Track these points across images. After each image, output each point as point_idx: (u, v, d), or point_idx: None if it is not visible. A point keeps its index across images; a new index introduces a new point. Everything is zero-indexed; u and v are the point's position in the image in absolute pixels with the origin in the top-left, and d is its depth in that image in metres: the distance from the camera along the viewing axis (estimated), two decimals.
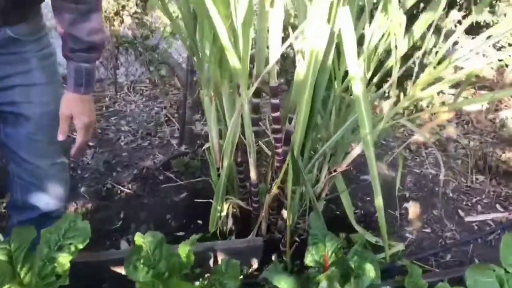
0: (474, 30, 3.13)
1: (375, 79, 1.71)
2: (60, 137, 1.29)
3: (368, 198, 2.49)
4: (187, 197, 2.27)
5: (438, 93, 3.50)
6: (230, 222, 2.05)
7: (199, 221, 2.12)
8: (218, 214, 1.98)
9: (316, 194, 1.99)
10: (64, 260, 1.17)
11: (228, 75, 1.74)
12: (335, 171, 1.91)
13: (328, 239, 1.52)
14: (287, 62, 3.18)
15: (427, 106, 3.37)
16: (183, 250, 1.33)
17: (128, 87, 3.70)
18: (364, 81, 1.48)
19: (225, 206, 1.98)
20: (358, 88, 1.48)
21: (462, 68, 2.84)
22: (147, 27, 3.69)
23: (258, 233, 2.00)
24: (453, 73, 2.19)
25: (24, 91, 1.25)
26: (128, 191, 2.31)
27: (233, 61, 1.54)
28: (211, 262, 1.84)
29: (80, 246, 1.21)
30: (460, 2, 3.04)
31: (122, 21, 3.65)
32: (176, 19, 1.80)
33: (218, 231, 2.01)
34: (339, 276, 1.35)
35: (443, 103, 3.46)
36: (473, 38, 2.71)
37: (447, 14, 2.84)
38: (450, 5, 3.14)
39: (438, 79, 1.63)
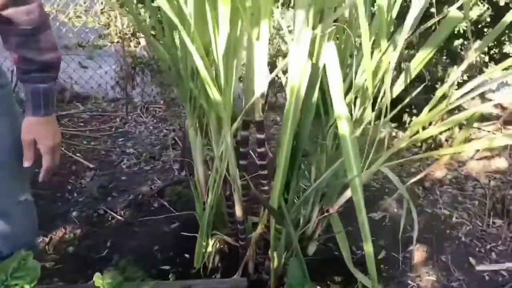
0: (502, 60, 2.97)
1: (370, 116, 1.60)
2: (26, 163, 1.21)
3: (372, 238, 2.34)
4: (178, 228, 2.19)
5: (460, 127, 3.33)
6: (217, 258, 1.95)
7: (186, 255, 2.03)
8: (203, 250, 1.89)
9: (307, 234, 1.87)
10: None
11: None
12: (327, 211, 1.79)
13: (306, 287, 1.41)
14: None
15: (446, 141, 3.19)
16: None
17: (142, 108, 3.69)
18: (350, 121, 1.37)
19: (211, 242, 1.88)
20: (344, 127, 1.38)
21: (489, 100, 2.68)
22: None
23: (245, 273, 1.89)
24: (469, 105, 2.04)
25: None
26: (119, 218, 2.25)
27: (214, 93, 1.46)
28: None
29: (28, 287, 1.14)
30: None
31: (138, 42, 3.67)
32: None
33: (203, 268, 1.91)
34: None
35: (467, 138, 3.28)
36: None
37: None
38: (478, 36, 3.00)
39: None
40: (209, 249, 1.89)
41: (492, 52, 3.12)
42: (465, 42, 3.05)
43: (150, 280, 1.81)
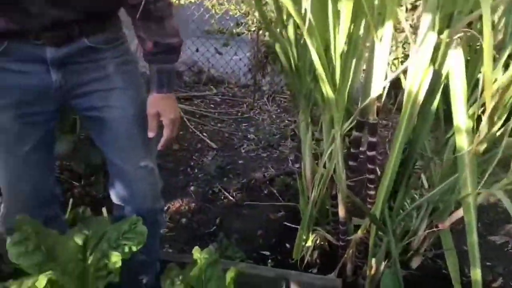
0: None
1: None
2: (150, 134, 1.33)
3: (488, 263, 2.15)
4: (282, 218, 2.24)
5: None
6: (315, 254, 1.96)
7: (287, 245, 2.07)
8: (303, 243, 1.91)
9: (412, 246, 1.79)
10: (115, 258, 1.24)
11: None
12: (436, 226, 1.68)
13: None
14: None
15: None
16: (229, 275, 1.31)
17: (268, 96, 3.80)
18: (470, 134, 1.27)
19: (312, 237, 1.90)
20: (462, 141, 1.28)
21: None
22: None
23: (342, 273, 1.87)
24: None
25: (103, 96, 1.30)
26: (231, 198, 2.37)
27: (328, 91, 1.46)
28: None
29: (134, 249, 1.28)
30: None
31: None
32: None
33: (301, 260, 1.94)
34: None
35: None
36: None
37: None
38: None
39: None
40: (309, 243, 1.90)
41: None
42: None
43: (251, 262, 1.89)
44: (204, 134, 3.02)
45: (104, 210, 1.90)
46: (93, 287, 1.28)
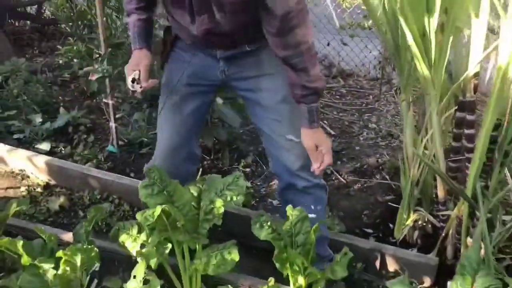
0: None
1: None
2: (315, 166, 1.55)
3: None
4: (390, 200, 2.29)
5: None
6: (416, 234, 1.99)
7: (390, 225, 2.13)
8: (404, 222, 1.96)
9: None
10: (219, 204, 1.49)
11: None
12: None
13: (480, 274, 1.36)
14: None
15: None
16: (313, 230, 1.46)
17: (397, 89, 3.78)
18: None
19: (413, 217, 1.94)
20: None
21: None
22: None
23: (443, 255, 1.88)
24: None
25: (256, 81, 1.61)
26: (342, 180, 2.50)
27: (423, 68, 1.52)
28: (377, 263, 1.87)
29: (235, 198, 1.51)
30: None
31: None
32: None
33: (403, 241, 1.99)
34: None
35: None
36: None
37: None
38: None
39: None
40: (409, 222, 1.94)
41: None
42: None
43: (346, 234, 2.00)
44: (325, 122, 3.16)
45: None
46: (201, 226, 1.54)
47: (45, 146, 2.65)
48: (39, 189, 2.40)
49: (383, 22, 1.69)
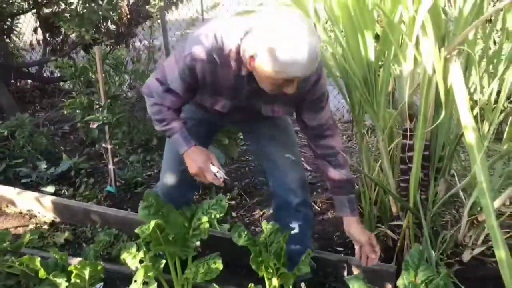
0: None
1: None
2: (373, 256, 1.84)
3: None
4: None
5: None
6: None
7: None
8: None
9: (458, 240, 2.03)
10: (204, 220, 1.80)
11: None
12: (477, 220, 1.93)
13: (421, 268, 1.65)
14: None
15: None
16: (283, 239, 1.76)
17: (368, 130, 4.16)
18: (476, 130, 1.57)
19: (374, 233, 2.23)
20: (470, 137, 1.59)
21: None
22: None
23: (400, 263, 2.16)
24: None
25: (257, 125, 1.96)
26: (317, 208, 2.80)
27: (367, 106, 1.88)
28: (345, 272, 2.15)
29: (217, 216, 1.82)
30: None
31: None
32: None
33: None
34: None
35: None
36: None
37: None
38: None
39: None
40: None
41: None
42: None
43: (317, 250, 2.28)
44: (303, 159, 3.50)
45: None
46: (190, 240, 1.84)
47: (50, 189, 2.95)
48: (45, 226, 2.68)
49: (336, 70, 2.07)
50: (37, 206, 2.76)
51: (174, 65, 1.64)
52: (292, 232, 1.88)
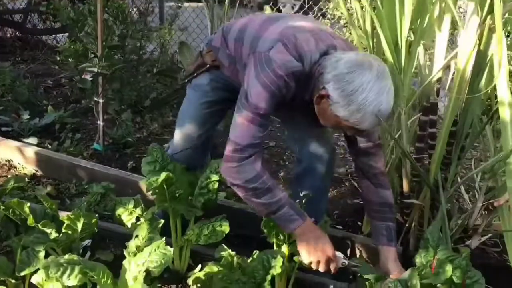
0: None
1: None
2: None
3: None
4: (359, 203, 2.51)
5: None
6: None
7: (359, 223, 2.34)
8: None
9: (469, 225, 1.96)
10: (214, 178, 1.67)
11: None
12: (493, 205, 1.86)
13: (441, 248, 1.57)
14: None
15: None
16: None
17: None
18: None
19: None
20: (505, 113, 1.51)
21: None
22: None
23: (405, 246, 2.09)
24: None
25: None
26: None
27: (394, 72, 1.77)
28: (348, 251, 2.06)
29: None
30: None
31: None
32: None
33: (370, 235, 2.19)
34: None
35: None
36: None
37: None
38: None
39: None
40: None
41: None
42: None
43: None
44: None
45: None
46: (197, 200, 1.70)
47: (32, 140, 2.75)
48: (26, 179, 2.48)
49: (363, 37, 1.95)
50: (18, 156, 2.56)
51: (263, 90, 1.46)
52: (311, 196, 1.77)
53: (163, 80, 3.59)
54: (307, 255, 1.51)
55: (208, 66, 1.75)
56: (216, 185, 1.67)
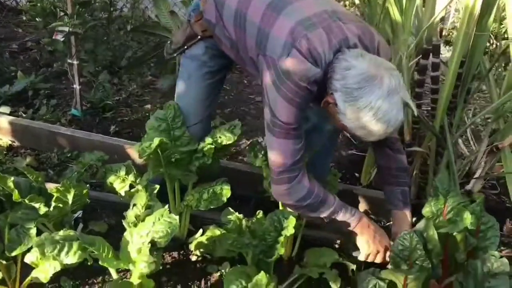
0: None
1: None
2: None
3: None
4: (354, 154, 2.45)
5: None
6: None
7: (356, 174, 2.28)
8: (370, 169, 2.11)
9: (472, 169, 1.93)
10: (208, 141, 1.58)
11: None
12: (497, 148, 1.82)
13: (451, 195, 1.52)
14: None
15: None
16: None
17: None
18: None
19: None
20: None
21: None
22: None
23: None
24: None
25: None
26: None
27: (395, 13, 1.66)
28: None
29: (225, 142, 1.60)
30: None
31: None
32: None
33: (370, 186, 2.14)
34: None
35: None
36: None
37: None
38: None
39: None
40: (375, 169, 2.10)
41: None
42: None
43: None
44: None
45: None
46: (192, 164, 1.60)
47: (4, 109, 2.55)
48: (3, 151, 2.32)
49: None
50: None
51: (289, 104, 1.38)
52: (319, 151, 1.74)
53: (137, 37, 3.39)
54: (367, 248, 1.55)
55: (199, 37, 1.61)
56: (211, 147, 1.55)
